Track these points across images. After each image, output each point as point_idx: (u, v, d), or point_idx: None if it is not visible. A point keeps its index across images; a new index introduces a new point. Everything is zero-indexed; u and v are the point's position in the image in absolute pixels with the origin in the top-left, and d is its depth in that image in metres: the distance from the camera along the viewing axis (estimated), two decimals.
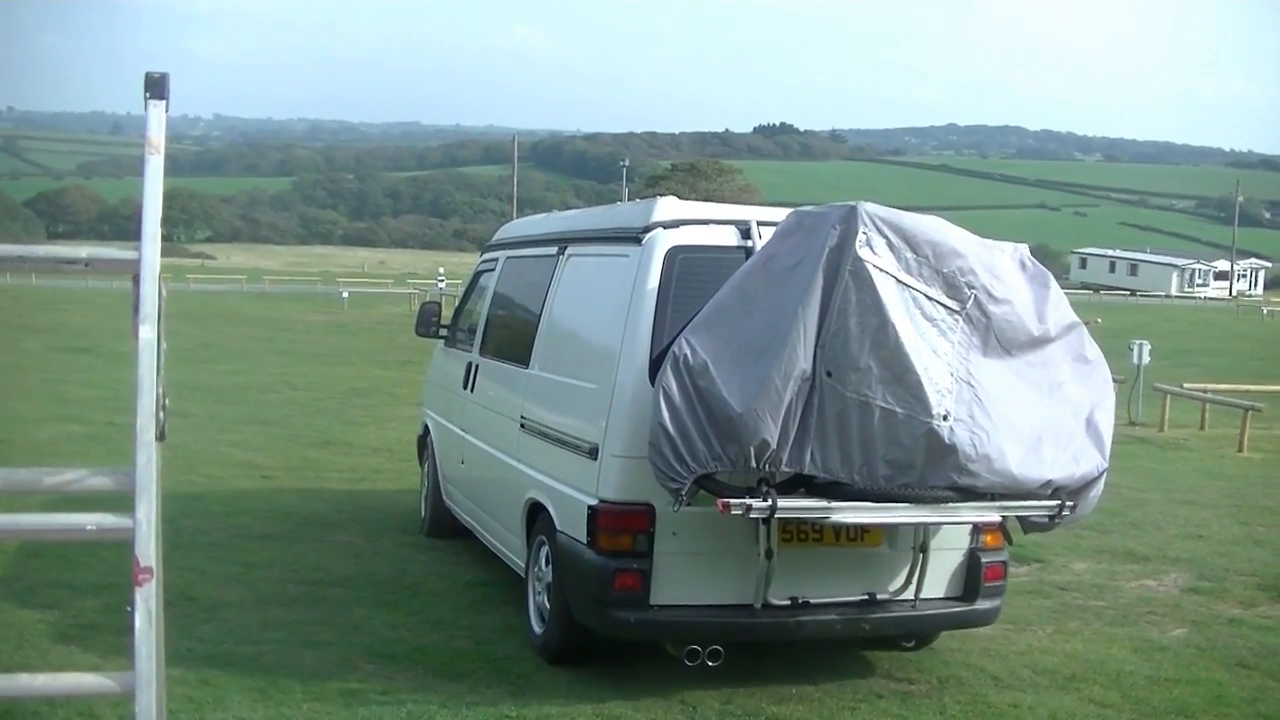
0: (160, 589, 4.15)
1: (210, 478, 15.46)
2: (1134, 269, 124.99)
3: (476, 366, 11.46)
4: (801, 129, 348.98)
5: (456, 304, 13.37)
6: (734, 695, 8.29)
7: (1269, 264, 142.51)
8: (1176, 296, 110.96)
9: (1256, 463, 20.93)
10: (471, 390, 11.48)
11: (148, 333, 4.15)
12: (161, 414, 4.26)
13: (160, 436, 4.25)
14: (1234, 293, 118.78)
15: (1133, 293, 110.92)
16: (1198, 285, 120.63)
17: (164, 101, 4.37)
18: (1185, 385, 27.47)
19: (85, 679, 4.49)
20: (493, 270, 12.05)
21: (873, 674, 8.94)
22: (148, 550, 4.03)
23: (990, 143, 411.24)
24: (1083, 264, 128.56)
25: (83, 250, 4.39)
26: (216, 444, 18.26)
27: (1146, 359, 26.32)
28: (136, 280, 4.24)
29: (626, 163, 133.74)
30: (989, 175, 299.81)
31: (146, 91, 4.34)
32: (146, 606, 4.02)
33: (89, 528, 4.14)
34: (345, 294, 67.97)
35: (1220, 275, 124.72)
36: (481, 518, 11.14)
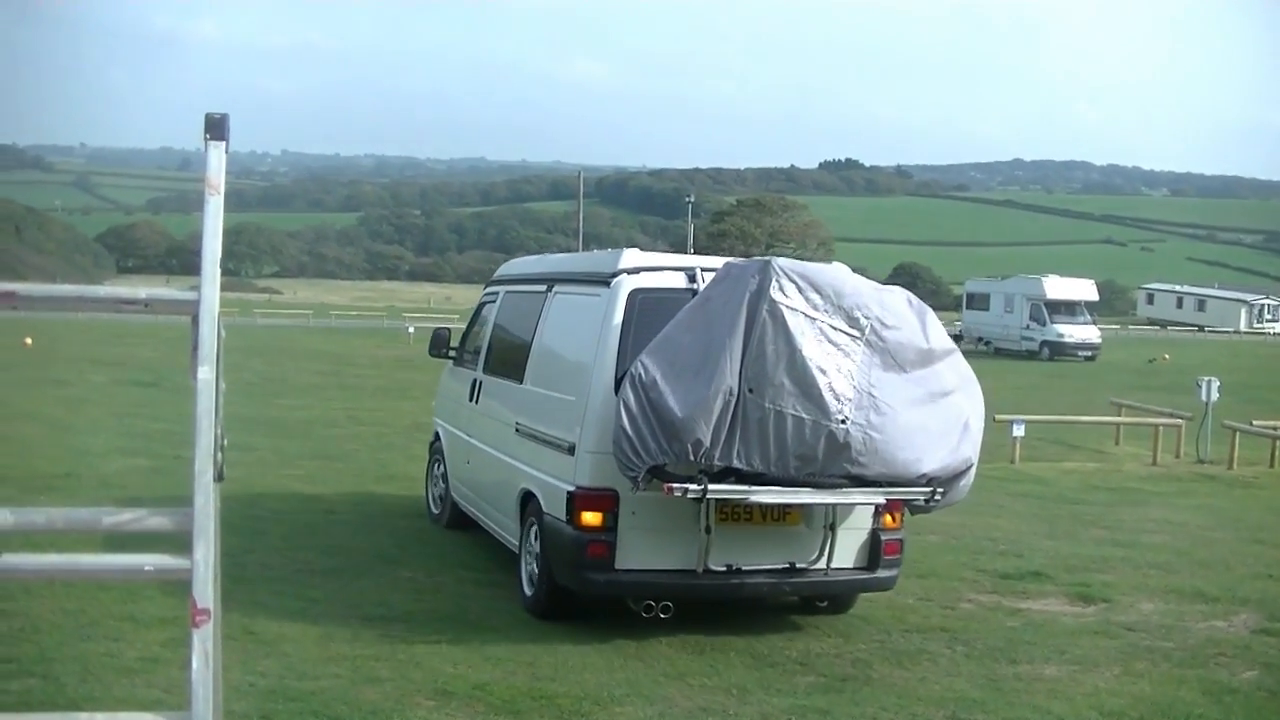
0: (218, 630, 4.15)
1: (274, 512, 15.49)
2: (1201, 304, 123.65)
3: (480, 382, 13.88)
4: (867, 164, 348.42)
5: (463, 330, 15.51)
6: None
7: None
8: (1245, 332, 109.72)
9: None
10: (476, 402, 13.91)
11: (206, 373, 4.16)
12: (220, 455, 4.26)
13: (219, 477, 4.26)
14: None
15: (1200, 329, 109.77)
16: (1267, 320, 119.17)
17: (224, 142, 4.39)
18: (1255, 422, 27.11)
19: (143, 718, 4.50)
20: (494, 302, 14.46)
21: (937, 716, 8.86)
22: (205, 592, 4.03)
23: (1056, 177, 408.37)
24: (1150, 300, 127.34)
25: (142, 291, 4.41)
26: (281, 478, 18.33)
27: (1215, 395, 25.98)
28: (195, 321, 4.25)
29: (692, 198, 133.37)
30: (1054, 210, 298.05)
31: (206, 133, 4.36)
32: (203, 648, 4.01)
33: (147, 568, 4.14)
34: (411, 329, 68.05)
35: None
36: (484, 507, 13.43)
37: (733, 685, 9.30)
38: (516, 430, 12.13)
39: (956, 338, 53.15)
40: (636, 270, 10.87)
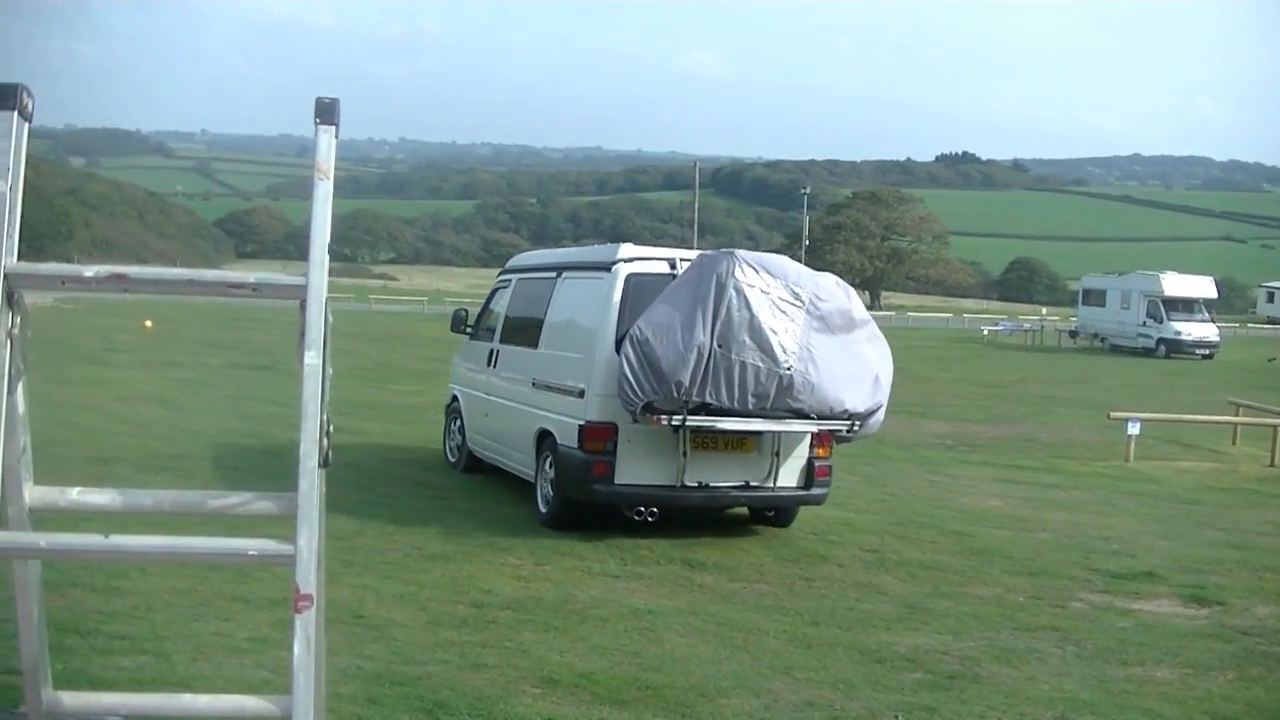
0: (321, 615, 4.15)
1: (385, 496, 15.62)
2: None
3: (498, 351, 17.23)
4: (983, 158, 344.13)
5: (478, 312, 18.98)
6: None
7: None
8: None
9: None
10: (494, 366, 17.21)
11: (313, 359, 4.16)
12: (325, 440, 4.26)
13: (324, 463, 4.26)
14: None
15: None
16: None
17: (334, 127, 4.38)
18: None
19: (247, 701, 4.52)
20: (507, 288, 17.88)
21: None
22: (308, 578, 4.03)
23: (1175, 173, 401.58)
24: (1270, 298, 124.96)
25: (251, 275, 4.42)
26: (391, 463, 18.48)
27: None
28: (303, 306, 4.26)
29: (807, 190, 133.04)
30: (1173, 206, 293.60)
31: (317, 117, 4.34)
32: (305, 633, 4.01)
33: (251, 553, 4.16)
34: None
35: None
36: (502, 450, 16.62)
37: (839, 680, 9.23)
38: (533, 384, 15.51)
39: (1072, 334, 52.45)
40: (631, 259, 14.35)
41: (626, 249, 14.55)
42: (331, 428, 4.35)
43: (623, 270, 14.15)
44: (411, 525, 14.02)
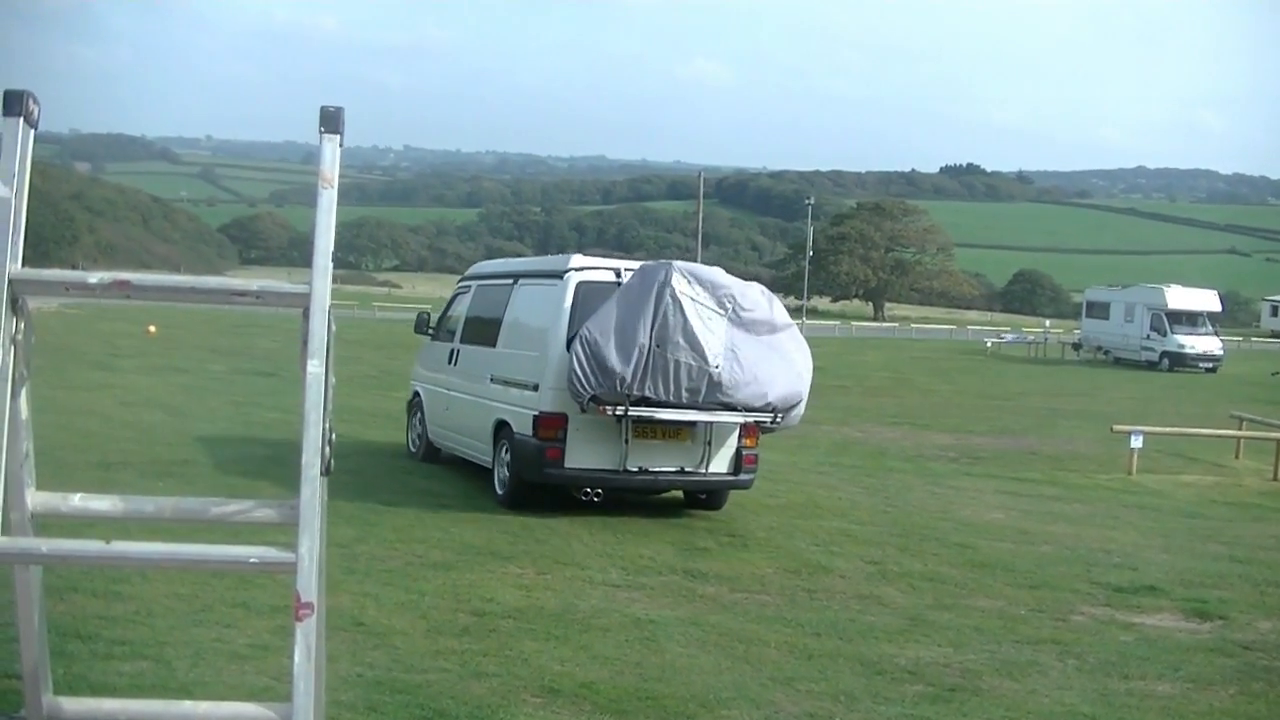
0: (322, 623, 4.15)
1: (386, 503, 15.61)
2: None
3: (458, 350, 18.80)
4: (988, 170, 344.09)
5: (439, 315, 20.54)
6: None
7: None
8: None
9: None
10: (455, 365, 18.78)
11: (315, 367, 4.17)
12: (328, 449, 4.26)
13: (326, 471, 4.26)
14: None
15: None
16: None
17: (338, 135, 4.38)
18: None
19: (247, 708, 4.52)
20: (466, 294, 19.50)
21: None
22: (309, 586, 4.03)
23: (1180, 186, 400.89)
24: (1274, 311, 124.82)
25: (254, 283, 4.42)
26: (395, 470, 18.49)
27: None
28: (306, 314, 4.26)
29: (811, 201, 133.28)
30: (1177, 219, 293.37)
31: (321, 126, 4.35)
32: (306, 641, 4.01)
33: (252, 560, 4.16)
34: None
35: None
36: (461, 439, 18.17)
37: (840, 692, 9.22)
38: (491, 380, 17.15)
39: (1075, 346, 52.55)
40: (581, 268, 15.99)
41: (577, 259, 16.30)
42: (334, 436, 4.35)
43: (574, 278, 15.85)
44: (413, 532, 14.01)
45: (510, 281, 17.93)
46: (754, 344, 15.30)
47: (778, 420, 15.61)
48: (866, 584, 13.07)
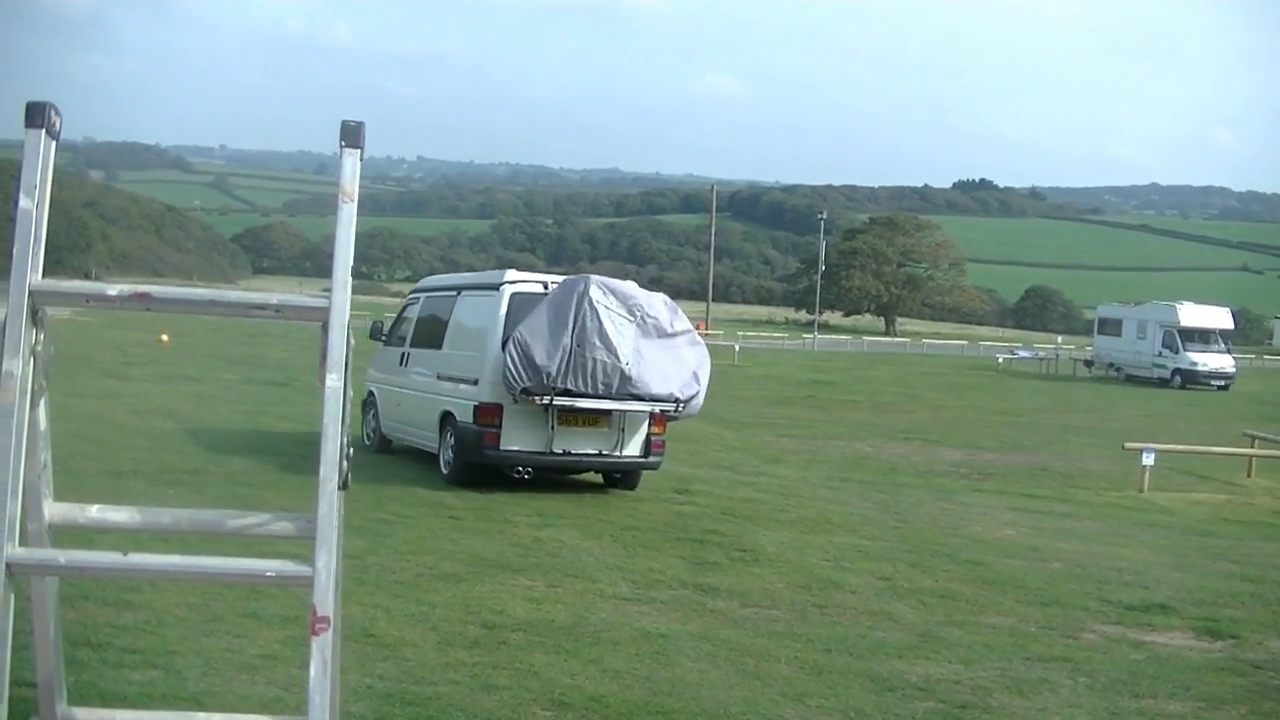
0: (338, 637, 4.15)
1: (398, 515, 15.61)
2: None
3: (408, 354, 21.35)
4: (1001, 185, 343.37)
5: (391, 323, 23.07)
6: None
7: None
8: None
9: None
10: (406, 365, 21.29)
11: (334, 381, 4.17)
12: (345, 463, 4.27)
13: (343, 485, 4.26)
14: None
15: None
16: None
17: (359, 150, 4.39)
18: None
19: None
20: (416, 304, 22.31)
21: None
22: (326, 600, 4.04)
23: (1193, 203, 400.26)
24: None
25: (274, 296, 4.43)
26: (405, 482, 18.48)
27: None
28: (325, 328, 4.27)
29: (824, 215, 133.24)
30: (1190, 236, 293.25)
31: (342, 140, 4.36)
32: (322, 655, 4.02)
33: (269, 574, 4.16)
34: None
35: None
36: (411, 430, 20.69)
37: (851, 708, 9.20)
38: (438, 377, 19.81)
39: (1087, 363, 52.47)
40: (514, 281, 18.75)
41: (511, 274, 19.22)
42: (351, 451, 4.35)
43: (508, 289, 18.59)
44: (424, 544, 14.01)
45: (454, 293, 20.85)
46: (655, 345, 18.08)
47: (680, 409, 18.42)
48: (877, 600, 13.05)
